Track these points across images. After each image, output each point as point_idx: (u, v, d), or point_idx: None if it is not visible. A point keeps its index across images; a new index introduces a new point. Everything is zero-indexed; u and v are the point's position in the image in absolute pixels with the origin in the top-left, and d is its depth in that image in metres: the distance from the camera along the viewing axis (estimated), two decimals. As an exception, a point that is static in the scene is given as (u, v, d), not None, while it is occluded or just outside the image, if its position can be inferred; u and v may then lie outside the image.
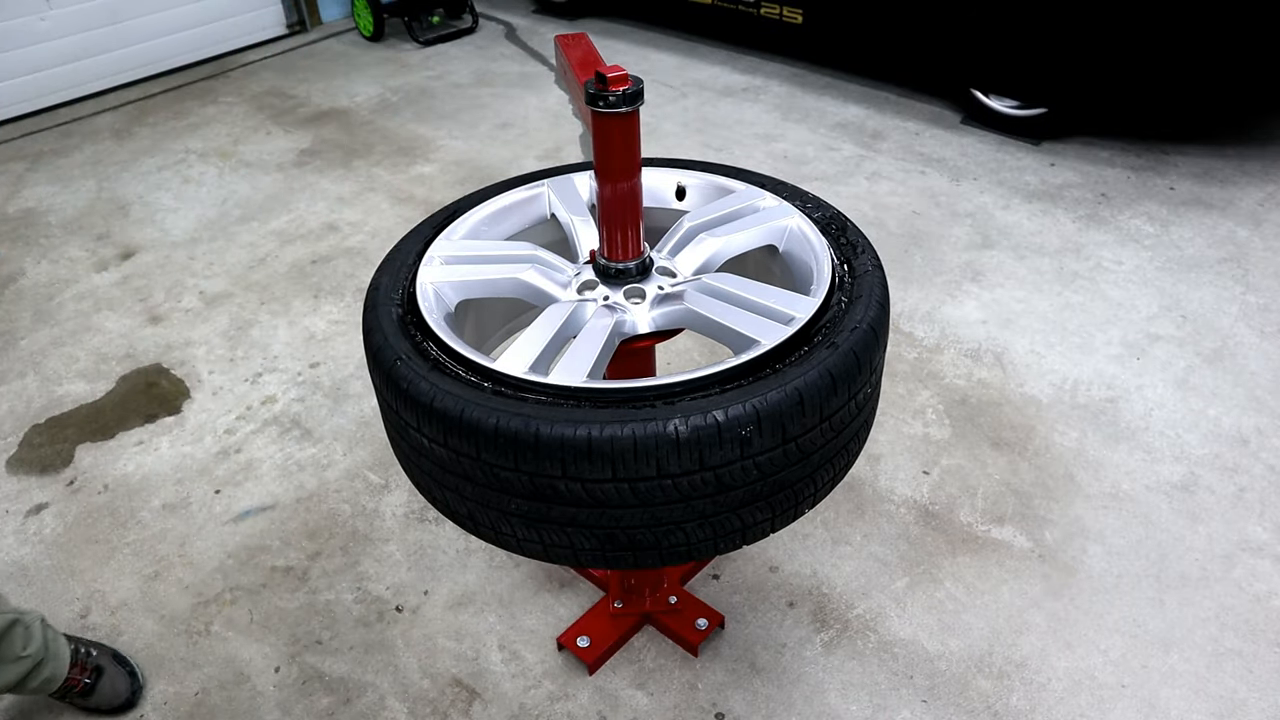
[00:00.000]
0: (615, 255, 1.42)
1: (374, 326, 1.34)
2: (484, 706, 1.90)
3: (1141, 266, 3.19)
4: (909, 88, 4.61)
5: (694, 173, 1.70)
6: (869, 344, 1.25)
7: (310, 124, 4.65)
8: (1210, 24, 3.41)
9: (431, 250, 1.51)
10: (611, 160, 1.33)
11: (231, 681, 1.98)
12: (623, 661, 1.97)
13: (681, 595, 2.03)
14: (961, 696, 1.88)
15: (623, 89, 1.25)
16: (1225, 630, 1.98)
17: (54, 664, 1.82)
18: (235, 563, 2.25)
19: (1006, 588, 2.09)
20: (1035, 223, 3.47)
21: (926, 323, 2.96)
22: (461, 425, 1.15)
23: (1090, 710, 1.84)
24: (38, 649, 1.77)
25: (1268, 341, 2.81)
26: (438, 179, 4.03)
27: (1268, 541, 2.17)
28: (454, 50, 5.56)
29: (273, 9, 5.80)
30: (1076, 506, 2.28)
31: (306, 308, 3.19)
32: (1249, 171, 3.74)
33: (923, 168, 3.90)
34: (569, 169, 1.73)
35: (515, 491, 1.17)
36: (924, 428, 2.54)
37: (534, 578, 2.17)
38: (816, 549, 2.21)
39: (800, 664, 1.95)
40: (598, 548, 1.21)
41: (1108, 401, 2.61)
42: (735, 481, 1.16)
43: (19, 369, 2.96)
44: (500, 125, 4.51)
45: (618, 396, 1.17)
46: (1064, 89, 3.85)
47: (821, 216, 1.55)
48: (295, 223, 3.69)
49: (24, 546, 2.32)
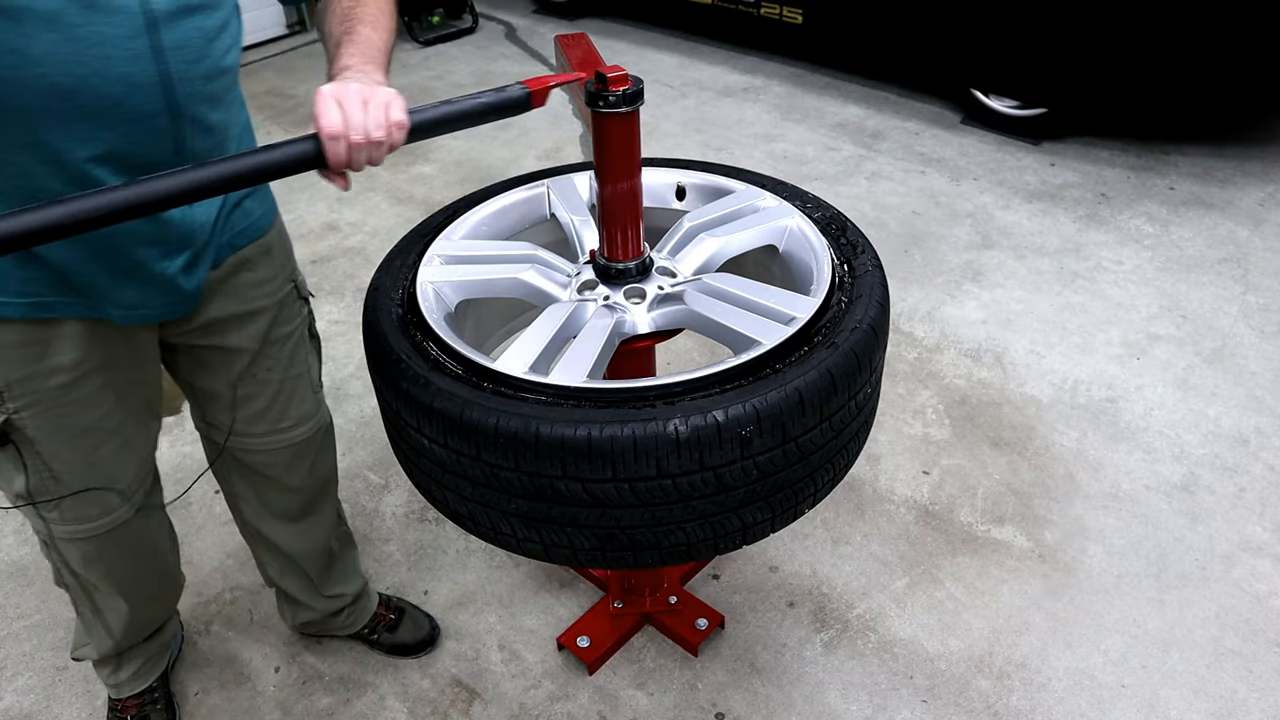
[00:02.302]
0: (615, 255, 1.42)
1: (374, 326, 1.34)
2: (484, 706, 1.90)
3: (1141, 266, 3.19)
4: (909, 88, 4.61)
5: (694, 173, 1.70)
6: (869, 344, 1.25)
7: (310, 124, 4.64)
8: (1210, 24, 3.41)
9: (431, 250, 1.50)
10: (611, 160, 1.33)
11: (231, 681, 1.98)
12: (623, 661, 1.97)
13: (681, 595, 2.03)
14: (961, 696, 1.88)
15: (623, 89, 1.25)
16: (1225, 630, 1.98)
17: (366, 599, 1.97)
18: (235, 563, 2.25)
19: (1006, 588, 2.09)
20: (1035, 223, 3.47)
21: (926, 323, 2.96)
22: (461, 425, 1.15)
23: (1090, 710, 1.84)
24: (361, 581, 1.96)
25: (1268, 341, 2.81)
26: (438, 179, 4.03)
27: (1268, 541, 2.17)
28: (454, 50, 5.56)
29: (273, 9, 5.79)
30: (1076, 506, 2.28)
31: (306, 308, 3.18)
32: (1249, 171, 3.74)
33: (923, 168, 3.90)
34: (569, 169, 1.73)
35: (515, 491, 1.17)
36: (924, 428, 2.54)
37: (534, 578, 2.17)
38: (816, 549, 2.21)
39: (800, 664, 1.95)
40: (598, 548, 1.21)
41: (1108, 401, 2.61)
42: (735, 481, 1.16)
43: (19, 369, 2.95)
44: (500, 125, 4.50)
45: (618, 396, 1.17)
46: (1064, 89, 3.85)
47: (821, 216, 1.55)
48: (295, 222, 3.69)
49: (24, 546, 2.32)
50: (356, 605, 1.96)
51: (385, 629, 1.99)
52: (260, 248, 1.44)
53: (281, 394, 1.55)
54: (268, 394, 1.53)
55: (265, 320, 1.48)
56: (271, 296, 1.48)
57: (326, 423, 1.70)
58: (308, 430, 1.63)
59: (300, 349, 1.58)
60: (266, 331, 1.49)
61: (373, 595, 2.01)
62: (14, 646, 2.07)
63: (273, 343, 1.51)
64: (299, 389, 1.59)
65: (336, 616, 1.94)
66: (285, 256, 1.52)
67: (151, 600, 1.72)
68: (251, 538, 1.80)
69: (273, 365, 1.52)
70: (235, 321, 1.44)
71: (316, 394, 1.65)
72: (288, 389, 1.56)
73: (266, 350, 1.50)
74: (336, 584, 1.89)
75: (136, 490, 1.50)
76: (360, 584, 1.95)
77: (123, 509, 1.48)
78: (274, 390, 1.54)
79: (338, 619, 1.94)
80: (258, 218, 1.43)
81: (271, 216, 1.48)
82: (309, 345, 1.62)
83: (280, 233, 1.51)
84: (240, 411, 1.52)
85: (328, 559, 1.85)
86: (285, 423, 1.58)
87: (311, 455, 1.67)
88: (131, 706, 1.83)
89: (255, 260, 1.43)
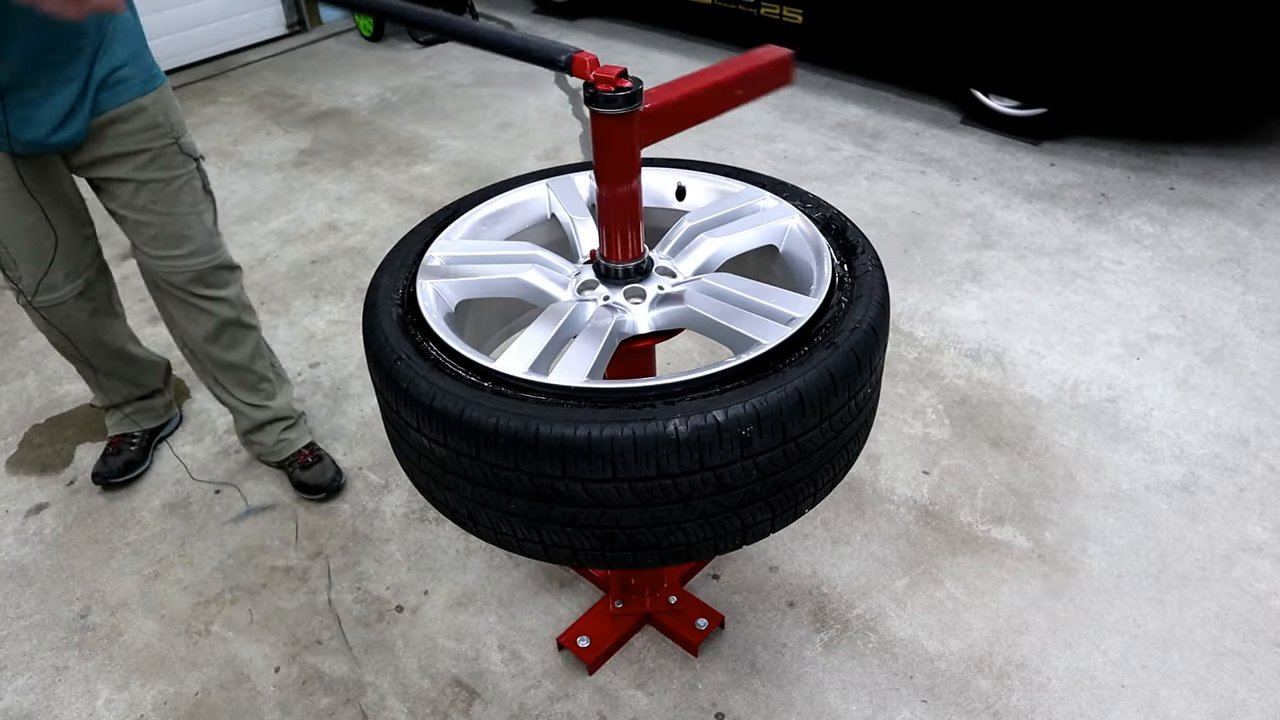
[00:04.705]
0: (615, 255, 1.42)
1: (374, 326, 1.34)
2: (484, 706, 1.90)
3: (1141, 266, 3.19)
4: (909, 88, 4.61)
5: (694, 173, 1.70)
6: (869, 344, 1.25)
7: (310, 124, 4.65)
8: (1210, 24, 3.41)
9: (432, 250, 1.51)
10: (611, 161, 1.33)
11: (231, 681, 1.98)
12: (623, 661, 1.97)
13: (681, 595, 2.03)
14: (961, 696, 1.88)
15: (622, 90, 1.25)
16: (1225, 630, 1.98)
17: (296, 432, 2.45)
18: (235, 563, 2.25)
19: (1006, 588, 2.09)
20: (1035, 223, 3.47)
21: (926, 323, 2.96)
22: (461, 425, 1.15)
23: (1090, 710, 1.84)
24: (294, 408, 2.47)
25: (1268, 341, 2.81)
26: (438, 179, 4.03)
27: (1268, 541, 2.17)
28: (454, 50, 5.55)
29: (273, 9, 5.80)
30: (1076, 506, 2.28)
31: (306, 308, 3.19)
32: (1249, 171, 3.74)
33: (923, 168, 3.90)
34: (569, 169, 1.73)
35: (515, 491, 1.17)
36: (924, 428, 2.54)
37: (534, 578, 2.17)
38: (816, 549, 2.21)
39: (800, 664, 1.95)
40: (598, 548, 1.21)
41: (1108, 401, 2.61)
42: (735, 481, 1.16)
43: (19, 369, 2.96)
44: (500, 125, 4.51)
45: (618, 396, 1.17)
46: (1064, 89, 3.85)
47: (821, 217, 1.55)
48: (295, 223, 3.69)
49: (24, 546, 2.32)
50: (286, 432, 2.41)
51: (300, 466, 2.41)
52: (134, 107, 1.89)
53: (171, 224, 2.02)
54: (157, 223, 2.01)
55: (141, 160, 1.94)
56: (146, 144, 1.93)
57: (226, 262, 2.16)
58: (204, 261, 2.09)
59: (185, 193, 2.03)
60: (143, 169, 1.95)
61: (305, 434, 2.47)
62: (14, 646, 2.08)
63: (152, 182, 1.97)
64: (192, 227, 2.05)
65: (265, 431, 2.39)
66: (164, 117, 1.95)
67: (128, 371, 2.38)
68: (190, 357, 2.29)
69: (156, 199, 1.99)
70: (115, 159, 1.93)
71: (213, 238, 2.12)
72: (177, 221, 2.03)
73: (147, 186, 1.97)
74: (266, 397, 2.37)
75: (75, 279, 2.08)
76: (284, 405, 2.41)
77: (62, 290, 2.07)
78: (162, 221, 2.01)
79: (267, 435, 2.39)
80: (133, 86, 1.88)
81: (149, 86, 1.91)
82: (201, 195, 2.07)
83: (159, 100, 1.94)
84: (141, 235, 2.03)
85: (253, 377, 2.32)
86: (179, 251, 2.05)
87: (217, 285, 2.15)
88: (116, 441, 2.49)
89: (129, 116, 1.89)
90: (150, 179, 1.97)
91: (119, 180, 1.96)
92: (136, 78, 1.89)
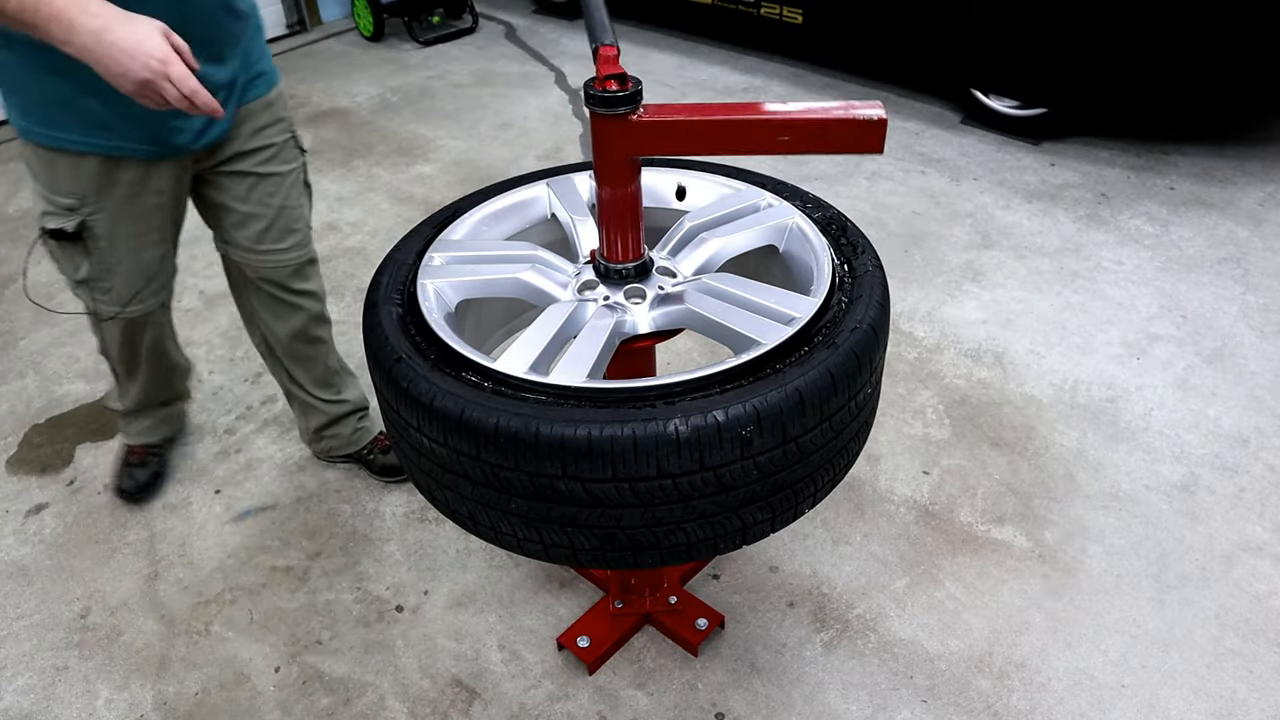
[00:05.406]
0: (615, 256, 1.42)
1: (374, 326, 1.34)
2: (484, 706, 1.90)
3: (1141, 266, 3.19)
4: (909, 88, 4.61)
5: (694, 173, 1.70)
6: (869, 344, 1.25)
7: (310, 124, 4.64)
8: (1210, 24, 3.41)
9: (432, 250, 1.50)
10: (611, 161, 1.33)
11: (231, 681, 1.98)
12: (623, 661, 1.97)
13: (681, 595, 2.03)
14: (961, 696, 1.88)
15: (622, 90, 1.25)
16: (1225, 630, 1.98)
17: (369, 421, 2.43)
18: (235, 563, 2.25)
19: (1006, 588, 2.09)
20: (1035, 223, 3.47)
21: (926, 323, 2.96)
22: (461, 425, 1.15)
23: (1090, 710, 1.84)
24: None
25: (1268, 341, 2.81)
26: (438, 179, 4.03)
27: (1268, 541, 2.17)
28: (454, 50, 5.56)
29: (273, 9, 5.79)
30: (1076, 506, 2.28)
31: (306, 308, 3.18)
32: (1249, 171, 3.74)
33: (923, 168, 3.90)
34: (569, 169, 1.73)
35: (515, 491, 1.17)
36: (924, 428, 2.54)
37: (534, 578, 2.17)
38: (816, 549, 2.21)
39: (800, 664, 1.95)
40: (598, 548, 1.21)
41: (1108, 401, 2.61)
42: (735, 481, 1.16)
43: (19, 369, 2.96)
44: (500, 125, 4.51)
45: (618, 396, 1.17)
46: (1064, 89, 3.85)
47: (822, 216, 1.55)
48: (295, 223, 3.69)
49: (24, 546, 2.32)
50: (362, 421, 2.40)
51: (380, 450, 2.41)
52: (264, 102, 1.90)
53: (280, 219, 2.00)
54: (269, 216, 1.98)
55: (266, 154, 1.93)
56: (272, 139, 1.94)
57: (315, 255, 2.15)
58: (304, 255, 2.09)
59: (296, 187, 2.03)
60: (266, 164, 1.94)
61: (376, 421, 2.44)
62: (14, 646, 2.08)
63: (272, 175, 1.96)
64: (299, 220, 2.05)
65: (343, 424, 2.37)
66: (285, 111, 1.98)
67: (164, 376, 2.32)
68: (267, 356, 2.26)
69: (273, 192, 1.97)
70: (242, 155, 1.90)
71: (309, 230, 2.11)
72: (285, 216, 2.01)
73: (267, 179, 1.95)
74: (338, 392, 2.34)
75: (163, 290, 2.04)
76: (359, 396, 2.40)
77: (150, 301, 2.01)
78: (273, 215, 1.99)
79: (344, 427, 2.37)
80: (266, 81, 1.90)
81: (272, 82, 1.93)
82: (303, 189, 2.07)
83: (281, 95, 1.97)
84: (248, 229, 1.99)
85: (327, 373, 2.30)
86: (284, 244, 2.03)
87: (310, 278, 2.14)
88: (139, 452, 2.44)
89: (259, 112, 1.90)
90: (270, 173, 1.95)
91: (240, 174, 1.92)
92: (268, 72, 1.92)
